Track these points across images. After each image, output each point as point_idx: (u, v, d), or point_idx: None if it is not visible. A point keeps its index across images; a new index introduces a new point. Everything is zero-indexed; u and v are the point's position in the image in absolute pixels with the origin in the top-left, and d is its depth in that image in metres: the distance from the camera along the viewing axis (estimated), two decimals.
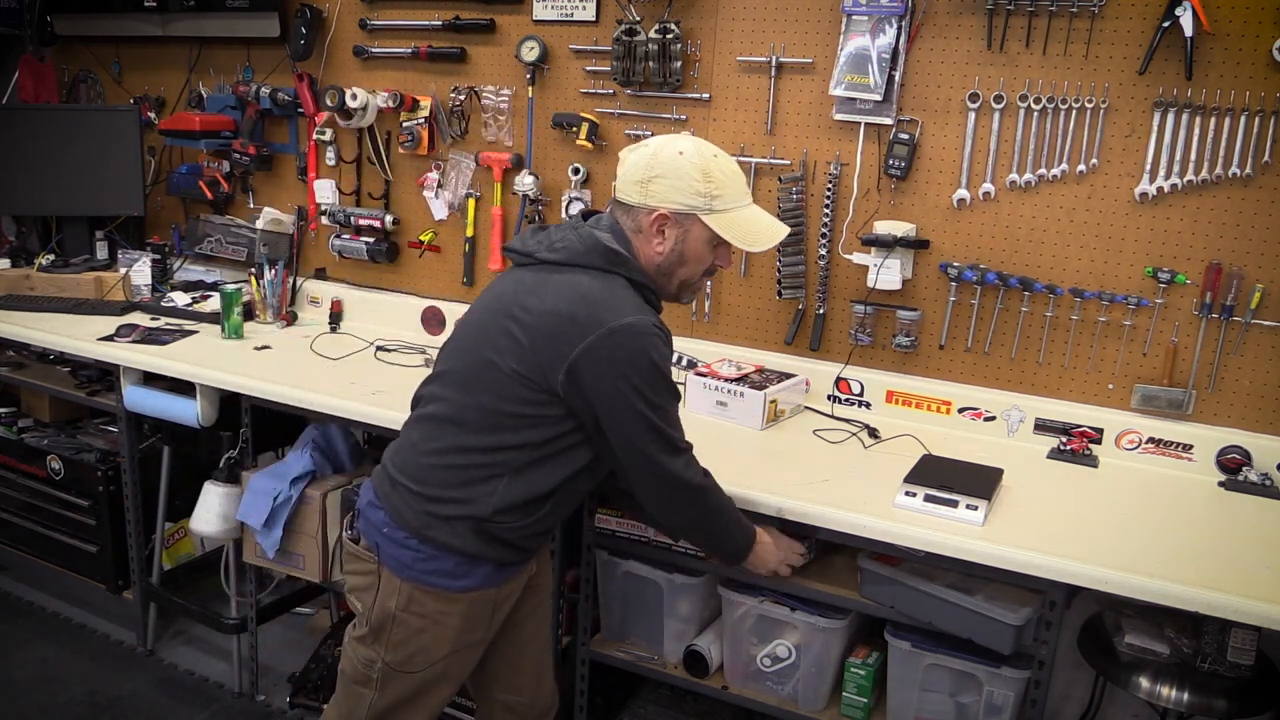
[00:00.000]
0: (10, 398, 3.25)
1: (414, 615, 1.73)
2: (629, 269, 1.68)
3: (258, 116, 3.27)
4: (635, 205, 1.69)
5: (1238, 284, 2.16)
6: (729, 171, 1.71)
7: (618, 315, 1.60)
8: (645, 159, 1.69)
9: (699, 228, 1.68)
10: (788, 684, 2.14)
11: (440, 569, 1.71)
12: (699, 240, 1.70)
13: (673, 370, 1.71)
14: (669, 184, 1.66)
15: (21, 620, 3.21)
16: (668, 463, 1.68)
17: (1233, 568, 1.75)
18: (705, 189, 1.66)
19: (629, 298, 1.65)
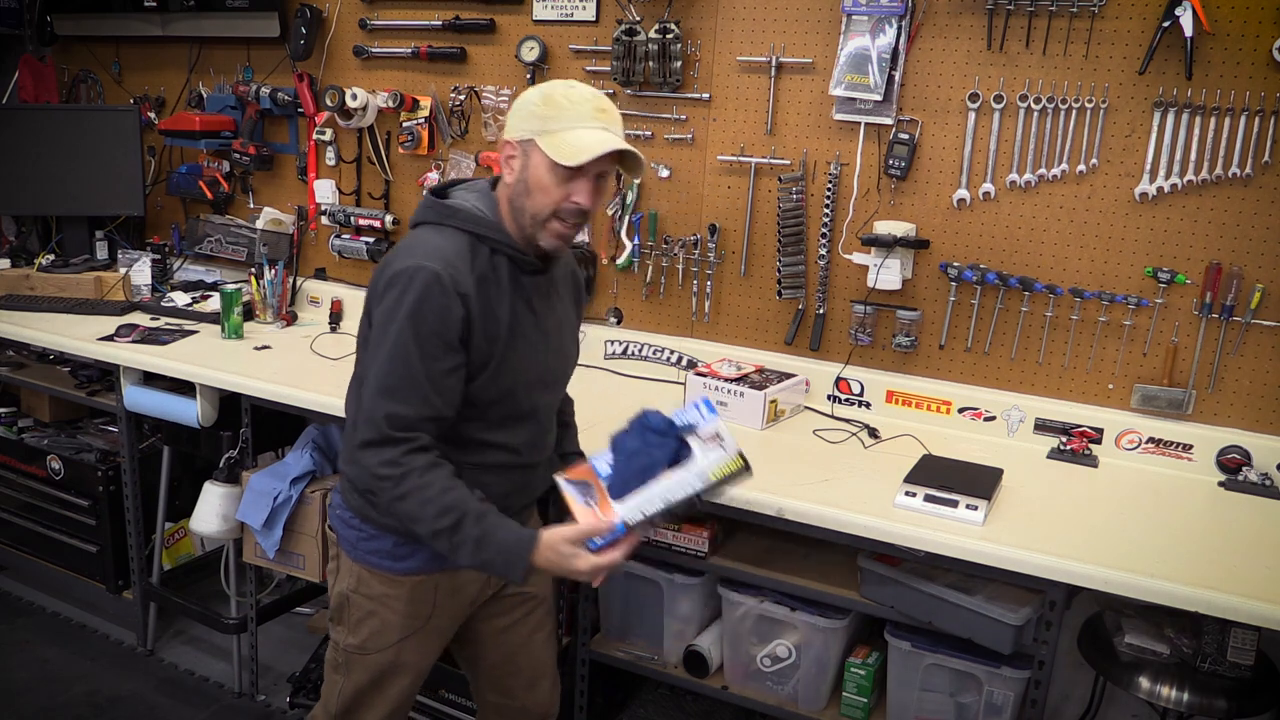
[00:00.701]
0: (10, 398, 3.25)
1: (364, 597, 1.74)
2: (460, 219, 1.61)
3: (258, 116, 3.27)
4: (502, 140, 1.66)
5: (1238, 284, 2.16)
6: (575, 98, 1.58)
7: (405, 259, 1.55)
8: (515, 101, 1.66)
9: (537, 154, 1.57)
10: (788, 684, 2.14)
11: (381, 549, 1.71)
12: (539, 167, 1.57)
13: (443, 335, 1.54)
14: (518, 114, 1.61)
15: (21, 620, 3.21)
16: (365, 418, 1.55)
17: (1233, 568, 1.75)
18: (541, 112, 1.57)
19: (435, 242, 1.58)
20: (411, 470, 1.53)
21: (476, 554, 1.54)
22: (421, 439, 1.55)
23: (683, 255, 2.72)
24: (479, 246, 1.61)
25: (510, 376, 1.64)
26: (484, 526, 1.54)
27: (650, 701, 2.49)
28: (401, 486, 1.53)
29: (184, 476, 2.95)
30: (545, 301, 1.71)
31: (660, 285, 2.77)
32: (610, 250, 2.81)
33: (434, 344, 1.53)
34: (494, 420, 1.66)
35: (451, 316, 1.53)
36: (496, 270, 1.61)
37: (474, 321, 1.56)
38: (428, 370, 1.53)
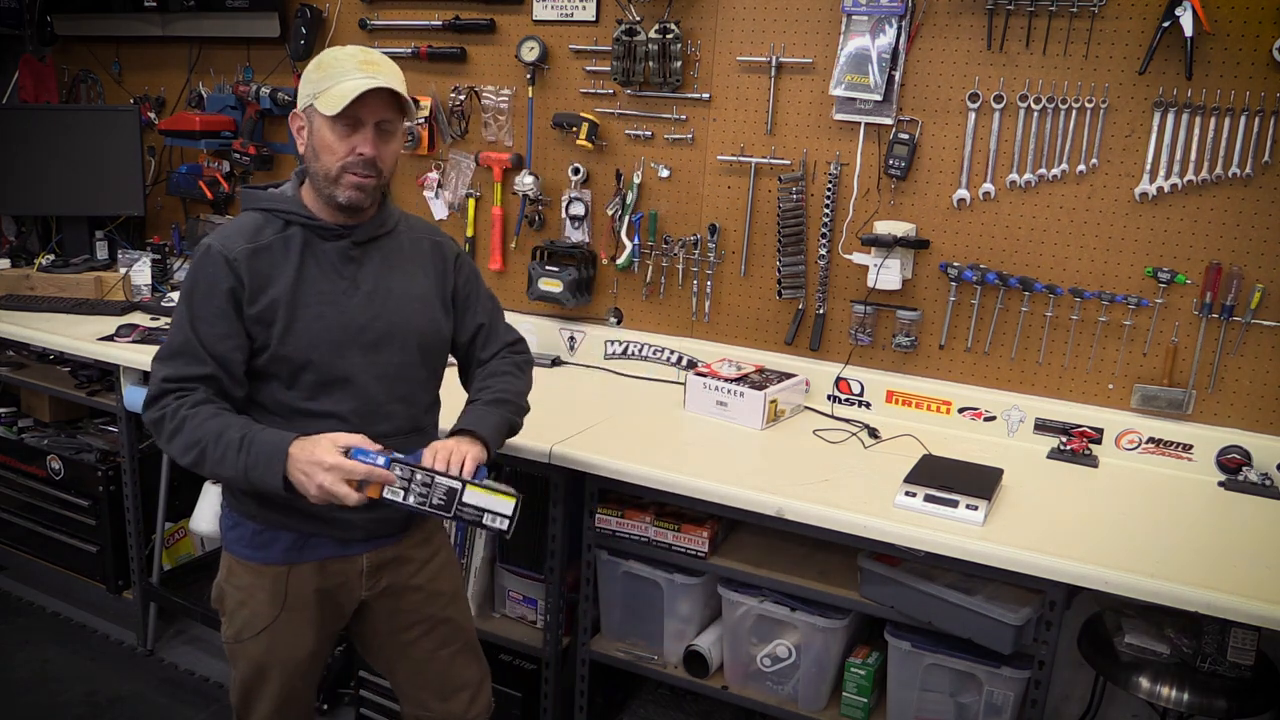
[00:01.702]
0: (10, 398, 3.25)
1: (234, 588, 1.78)
2: (254, 201, 1.71)
3: (258, 116, 3.27)
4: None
5: (1238, 284, 2.16)
6: (341, 55, 1.64)
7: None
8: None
9: (317, 117, 1.63)
10: (788, 684, 2.14)
11: (242, 537, 1.75)
12: (321, 128, 1.63)
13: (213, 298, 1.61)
14: (301, 89, 1.66)
15: (21, 620, 3.21)
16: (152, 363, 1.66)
17: (1233, 568, 1.75)
18: (315, 77, 1.63)
19: (230, 227, 1.68)
20: (180, 409, 1.59)
21: (239, 459, 1.53)
22: (197, 392, 1.61)
23: (683, 255, 2.72)
24: (270, 221, 1.68)
25: (305, 338, 1.65)
26: (249, 433, 1.56)
27: (650, 701, 2.49)
28: (171, 424, 1.59)
29: (184, 476, 2.95)
30: (362, 268, 1.71)
31: (660, 285, 2.77)
32: (610, 250, 2.81)
33: (204, 308, 1.62)
34: (309, 386, 1.67)
35: (219, 284, 1.61)
36: (288, 241, 1.67)
37: (245, 286, 1.62)
38: (198, 333, 1.61)
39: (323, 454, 1.52)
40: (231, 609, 1.78)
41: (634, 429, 2.35)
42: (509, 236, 2.96)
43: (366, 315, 1.70)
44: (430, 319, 1.79)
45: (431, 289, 1.81)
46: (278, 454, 1.53)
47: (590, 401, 2.57)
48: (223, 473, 1.57)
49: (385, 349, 1.72)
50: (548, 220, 2.90)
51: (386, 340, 1.73)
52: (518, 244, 2.95)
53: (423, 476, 1.57)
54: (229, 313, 1.62)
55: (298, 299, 1.65)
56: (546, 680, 2.36)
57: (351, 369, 1.69)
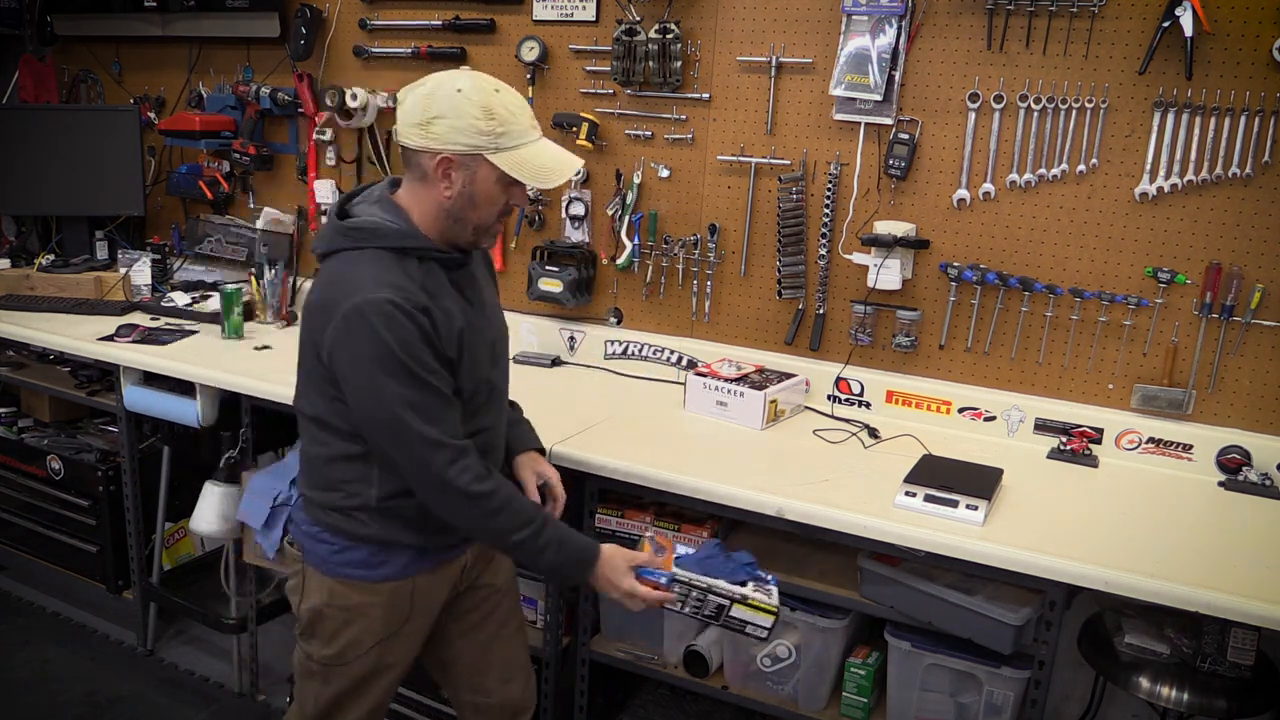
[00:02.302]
0: (10, 398, 3.25)
1: (338, 609, 1.73)
2: (380, 238, 1.59)
3: (258, 116, 3.27)
4: (418, 149, 1.59)
5: (1238, 284, 2.16)
6: (513, 106, 1.60)
7: (351, 295, 1.53)
8: (422, 99, 1.57)
9: (486, 168, 1.58)
10: (788, 684, 2.14)
11: (356, 560, 1.71)
12: (488, 181, 1.59)
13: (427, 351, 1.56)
14: (449, 124, 1.55)
15: (21, 620, 3.21)
16: (426, 457, 1.56)
17: (1233, 568, 1.75)
18: (489, 127, 1.56)
19: (369, 271, 1.55)
20: (501, 484, 1.61)
21: (558, 556, 1.63)
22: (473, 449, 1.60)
23: (683, 255, 2.72)
24: (405, 258, 1.60)
25: (476, 366, 1.67)
26: (559, 530, 1.65)
27: (650, 701, 2.49)
28: (496, 499, 1.59)
29: (184, 476, 2.95)
30: (473, 288, 1.73)
31: (660, 285, 2.77)
32: (610, 250, 2.81)
33: (430, 364, 1.56)
34: (472, 409, 1.69)
35: (426, 334, 1.55)
36: (433, 275, 1.62)
37: (439, 329, 1.58)
38: (439, 390, 1.57)
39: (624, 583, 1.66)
40: (333, 630, 1.74)
41: (634, 429, 2.35)
42: (509, 236, 2.96)
43: (492, 330, 1.77)
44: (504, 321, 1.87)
45: (495, 292, 1.87)
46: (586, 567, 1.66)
47: (590, 401, 2.57)
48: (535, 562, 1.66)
49: (502, 357, 1.82)
50: (548, 220, 2.90)
51: (505, 350, 1.83)
52: (518, 244, 2.95)
53: (697, 594, 1.71)
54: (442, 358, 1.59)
55: (467, 331, 1.64)
56: (546, 680, 2.36)
57: (495, 383, 1.77)
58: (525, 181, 1.60)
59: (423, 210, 1.63)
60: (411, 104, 1.59)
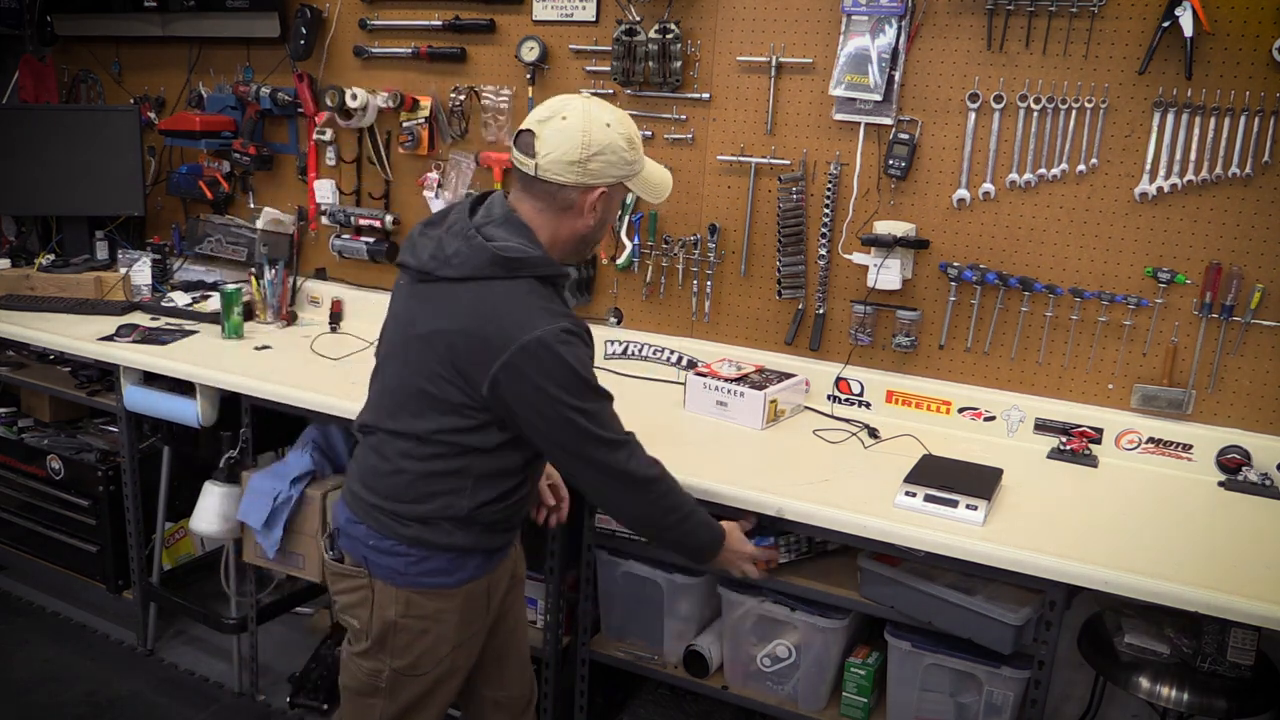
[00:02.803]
0: (10, 398, 3.25)
1: (414, 619, 1.73)
2: (531, 267, 1.62)
3: (258, 116, 3.27)
4: (570, 184, 1.62)
5: (1238, 284, 2.16)
6: (636, 131, 1.69)
7: (526, 328, 1.56)
8: (577, 135, 1.59)
9: (620, 192, 1.69)
10: (788, 684, 2.14)
11: (434, 568, 1.72)
12: (616, 203, 1.71)
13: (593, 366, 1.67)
14: (607, 160, 1.61)
15: (21, 620, 3.21)
16: (608, 458, 1.66)
17: (1233, 568, 1.75)
18: (632, 156, 1.65)
19: (535, 303, 1.60)
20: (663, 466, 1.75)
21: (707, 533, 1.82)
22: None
23: (683, 255, 2.72)
24: (555, 284, 1.68)
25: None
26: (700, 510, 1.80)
27: (650, 701, 2.49)
28: (665, 482, 1.74)
29: (184, 476, 2.95)
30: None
31: (660, 285, 2.77)
32: (610, 250, 2.81)
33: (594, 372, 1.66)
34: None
35: (592, 352, 1.67)
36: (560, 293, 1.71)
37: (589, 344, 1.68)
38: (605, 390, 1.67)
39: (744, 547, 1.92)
40: (407, 642, 1.74)
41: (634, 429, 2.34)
42: None
43: None
44: None
45: None
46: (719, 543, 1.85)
47: None
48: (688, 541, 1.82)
49: None
50: None
51: None
52: None
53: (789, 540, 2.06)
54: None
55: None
56: (546, 680, 2.36)
57: None
58: (647, 197, 1.72)
59: (555, 234, 1.67)
60: (563, 140, 1.60)
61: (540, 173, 1.62)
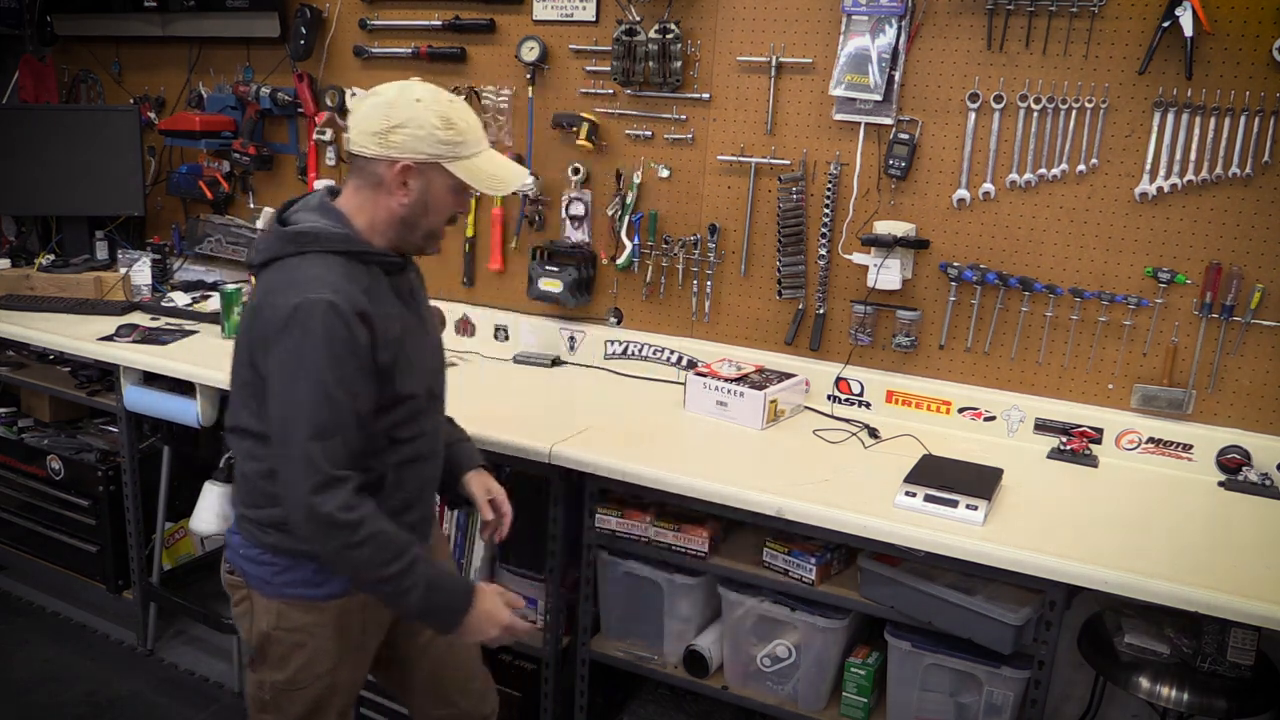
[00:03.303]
0: (10, 398, 3.25)
1: (286, 631, 1.68)
2: (323, 242, 1.58)
3: (258, 116, 3.27)
4: (374, 156, 1.59)
5: (1238, 284, 2.15)
6: (468, 118, 1.64)
7: (292, 296, 1.51)
8: (381, 107, 1.58)
9: (443, 176, 1.61)
10: (788, 684, 2.14)
11: (300, 579, 1.66)
12: (443, 188, 1.62)
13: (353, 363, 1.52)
14: (410, 133, 1.57)
15: (21, 620, 3.21)
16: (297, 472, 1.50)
17: (1233, 568, 1.75)
18: (447, 136, 1.59)
19: (315, 273, 1.53)
20: (367, 516, 1.52)
21: (425, 599, 1.56)
22: (357, 477, 1.54)
23: (683, 255, 2.72)
24: (352, 264, 1.59)
25: (415, 371, 1.66)
26: (432, 573, 1.57)
27: (650, 701, 2.49)
28: (359, 533, 1.51)
29: (184, 476, 2.95)
30: (411, 294, 1.73)
31: (660, 285, 2.77)
32: (610, 250, 2.81)
33: (353, 376, 1.53)
34: (409, 415, 1.67)
35: (359, 342, 1.53)
36: (377, 280, 1.61)
37: (377, 335, 1.56)
38: (351, 405, 1.53)
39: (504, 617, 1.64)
40: (283, 654, 1.69)
41: (634, 429, 2.35)
42: (509, 236, 2.96)
43: (430, 336, 1.78)
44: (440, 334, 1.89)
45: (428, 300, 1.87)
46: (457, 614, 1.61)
47: (590, 401, 2.57)
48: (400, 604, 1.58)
49: (444, 365, 1.84)
50: (548, 220, 2.90)
51: (443, 357, 1.84)
52: (518, 244, 2.95)
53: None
54: (369, 371, 1.56)
55: (405, 334, 1.64)
56: (546, 680, 2.36)
57: (435, 389, 1.77)
58: (480, 190, 1.64)
59: (372, 217, 1.63)
60: (368, 112, 1.59)
61: (349, 145, 1.63)
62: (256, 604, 1.70)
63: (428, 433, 1.74)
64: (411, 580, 1.54)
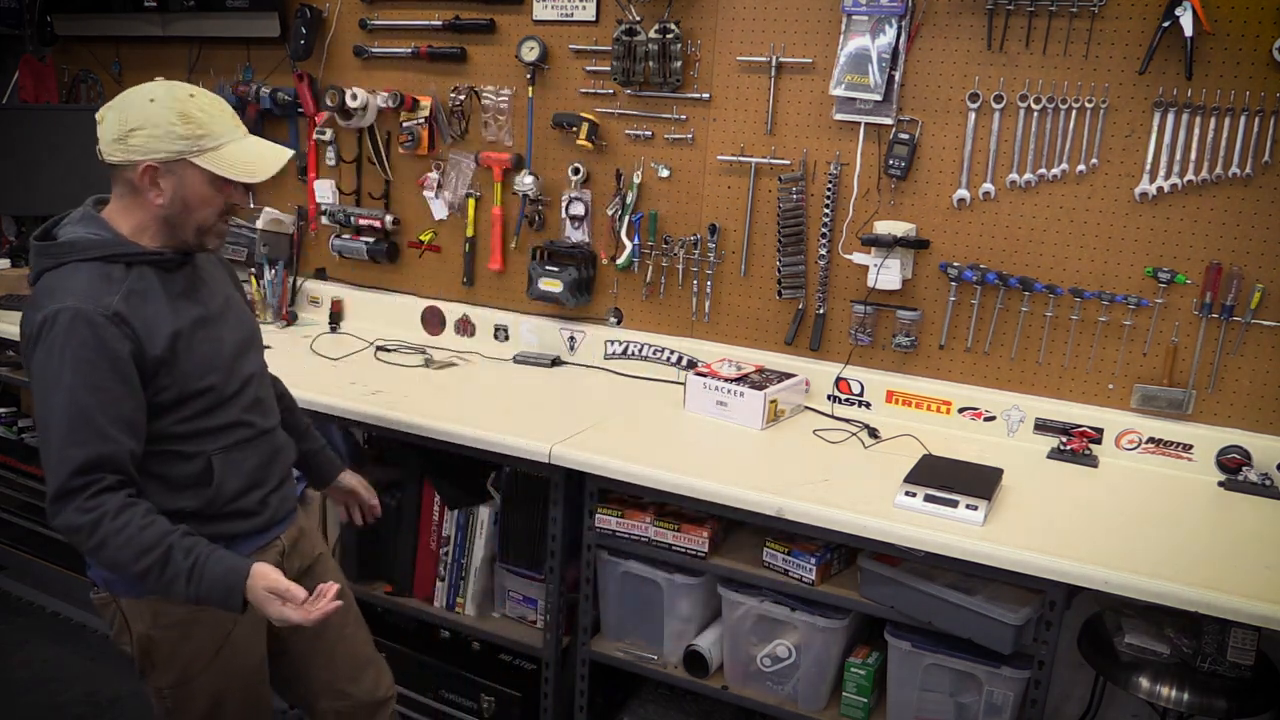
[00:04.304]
0: (10, 398, 3.25)
1: (166, 628, 1.68)
2: (80, 251, 1.59)
3: (258, 116, 3.27)
4: (120, 163, 1.62)
5: (1238, 284, 2.16)
6: (210, 109, 1.62)
7: (42, 307, 1.53)
8: (117, 114, 1.61)
9: (193, 171, 1.59)
10: (788, 684, 2.14)
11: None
12: (198, 183, 1.60)
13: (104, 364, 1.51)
14: (147, 134, 1.58)
15: (21, 620, 3.21)
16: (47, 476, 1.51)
17: (1233, 568, 1.75)
18: (187, 131, 1.58)
19: (68, 284, 1.54)
20: (104, 515, 1.48)
21: (190, 587, 1.51)
22: (106, 479, 1.50)
23: (683, 255, 2.72)
24: (111, 267, 1.58)
25: (208, 363, 1.65)
26: (194, 557, 1.51)
27: (650, 701, 2.49)
28: (96, 535, 1.49)
29: None
30: (203, 287, 1.72)
31: (660, 285, 2.77)
32: (610, 250, 2.81)
33: (103, 379, 1.51)
34: (218, 402, 1.67)
35: (109, 346, 1.51)
36: (144, 280, 1.60)
37: (141, 338, 1.55)
38: (102, 408, 1.50)
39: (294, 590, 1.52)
40: (168, 655, 1.69)
41: (634, 429, 2.35)
42: (509, 236, 2.96)
43: (237, 324, 1.77)
44: (251, 315, 1.88)
45: (239, 292, 1.88)
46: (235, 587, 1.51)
47: (590, 401, 2.57)
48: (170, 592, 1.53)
49: (254, 351, 1.82)
50: (548, 220, 2.90)
51: (252, 343, 1.82)
52: (518, 244, 2.95)
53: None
54: (128, 375, 1.53)
55: (191, 328, 1.63)
56: (546, 680, 2.36)
57: (245, 373, 1.74)
58: (233, 178, 1.61)
59: (136, 221, 1.64)
60: (109, 121, 1.62)
61: (100, 156, 1.66)
62: (129, 611, 1.68)
63: (247, 418, 1.72)
64: (172, 571, 1.50)
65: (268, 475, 1.78)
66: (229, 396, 1.69)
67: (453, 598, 2.49)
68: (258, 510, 1.75)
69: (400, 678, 2.60)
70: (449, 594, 2.50)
